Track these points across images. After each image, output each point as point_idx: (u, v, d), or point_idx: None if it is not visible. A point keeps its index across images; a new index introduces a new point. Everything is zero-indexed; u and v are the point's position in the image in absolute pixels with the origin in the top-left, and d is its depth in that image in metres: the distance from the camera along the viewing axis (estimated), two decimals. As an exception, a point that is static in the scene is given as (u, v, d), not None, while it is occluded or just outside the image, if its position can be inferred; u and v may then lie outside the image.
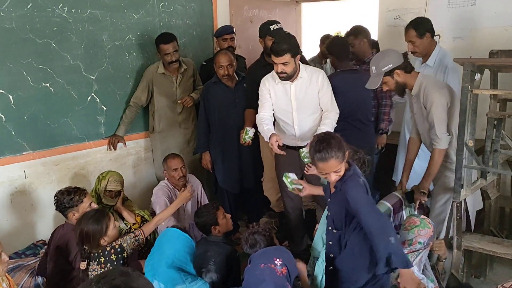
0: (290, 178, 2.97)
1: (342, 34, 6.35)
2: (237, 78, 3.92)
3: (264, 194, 4.12)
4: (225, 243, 3.03)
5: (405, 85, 3.00)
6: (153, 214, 3.65)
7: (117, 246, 2.67)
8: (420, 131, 3.14)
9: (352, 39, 4.09)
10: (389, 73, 2.94)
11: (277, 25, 3.73)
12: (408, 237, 2.62)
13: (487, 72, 3.01)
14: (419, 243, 2.57)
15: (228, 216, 3.13)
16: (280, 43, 3.09)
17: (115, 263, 2.63)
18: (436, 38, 4.35)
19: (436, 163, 2.93)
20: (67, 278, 2.90)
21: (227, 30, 4.34)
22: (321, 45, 5.51)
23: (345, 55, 3.69)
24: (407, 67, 2.96)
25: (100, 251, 2.65)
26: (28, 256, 3.32)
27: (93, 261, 2.65)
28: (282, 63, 3.08)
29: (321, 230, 2.86)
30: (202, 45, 4.58)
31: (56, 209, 3.01)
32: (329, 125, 3.22)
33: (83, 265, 2.63)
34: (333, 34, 5.70)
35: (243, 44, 4.93)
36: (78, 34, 3.55)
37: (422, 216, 2.70)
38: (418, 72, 3.02)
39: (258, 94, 3.40)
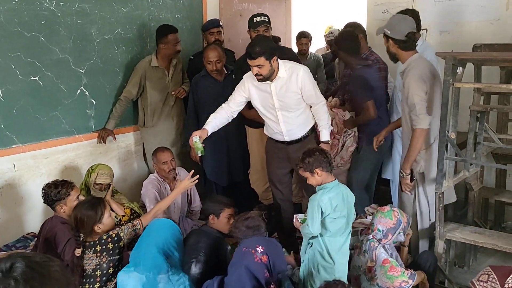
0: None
1: (334, 27, 6.39)
2: (225, 72, 3.96)
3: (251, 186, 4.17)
4: (217, 235, 3.07)
5: (393, 56, 3.08)
6: (142, 206, 3.69)
7: (114, 235, 2.70)
8: (402, 112, 3.19)
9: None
10: (386, 36, 3.03)
11: (261, 18, 3.75)
12: (372, 221, 2.80)
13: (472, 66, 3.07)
14: (378, 230, 2.70)
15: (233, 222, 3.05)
16: (253, 46, 3.05)
17: (111, 251, 2.66)
18: (423, 32, 4.42)
19: (416, 143, 2.92)
20: (57, 270, 2.92)
21: (214, 24, 4.35)
22: (297, 43, 5.56)
23: (357, 49, 3.65)
24: (402, 45, 2.99)
25: (96, 239, 2.68)
26: (18, 249, 3.34)
27: (89, 249, 2.67)
28: (257, 66, 3.06)
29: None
30: (191, 39, 4.60)
31: (44, 202, 3.04)
32: (325, 120, 3.30)
33: (78, 252, 2.65)
34: (308, 30, 5.71)
35: (233, 38, 4.95)
36: (66, 28, 3.56)
37: (394, 208, 2.77)
38: (416, 53, 3.04)
39: None
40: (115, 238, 2.70)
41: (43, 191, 3.02)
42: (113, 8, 3.86)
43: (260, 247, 2.31)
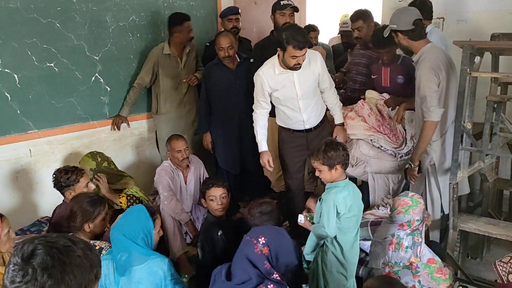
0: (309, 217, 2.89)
1: (349, 16, 6.31)
2: (238, 60, 3.95)
3: (264, 174, 4.17)
4: (209, 221, 3.11)
5: (409, 48, 3.03)
6: (156, 193, 3.72)
7: (97, 247, 2.59)
8: (415, 102, 3.15)
9: (361, 23, 4.04)
10: (394, 32, 2.99)
11: (287, 1, 3.78)
12: (405, 219, 2.62)
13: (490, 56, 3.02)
14: (417, 220, 2.61)
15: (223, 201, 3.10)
16: (302, 35, 3.03)
17: None
18: (440, 20, 4.37)
19: (426, 136, 2.91)
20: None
21: (233, 11, 4.36)
22: None
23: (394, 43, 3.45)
24: (412, 34, 2.95)
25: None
26: (33, 233, 3.38)
27: None
28: (303, 54, 3.06)
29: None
30: (206, 26, 4.59)
31: (53, 187, 3.07)
32: (337, 104, 3.47)
33: None
34: (321, 19, 5.63)
35: (247, 26, 4.93)
36: (82, 14, 3.57)
37: (410, 194, 2.68)
38: (429, 42, 3.01)
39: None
40: (97, 250, 2.57)
41: (54, 176, 3.05)
42: (128, -5, 3.87)
43: (262, 238, 2.27)
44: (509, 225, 2.98)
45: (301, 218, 2.84)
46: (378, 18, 4.84)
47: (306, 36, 3.10)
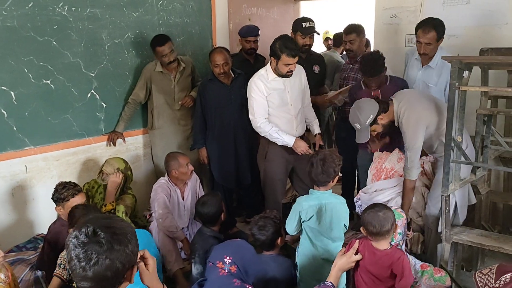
0: None
1: (331, 33, 6.42)
2: (233, 75, 3.99)
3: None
4: (209, 235, 3.16)
5: (391, 122, 3.14)
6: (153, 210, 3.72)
7: None
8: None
9: (355, 36, 4.14)
10: (373, 122, 3.08)
11: (309, 23, 4.03)
12: None
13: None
14: (399, 233, 2.63)
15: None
16: (294, 44, 3.38)
17: None
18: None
19: (408, 193, 3.11)
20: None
21: (252, 32, 4.41)
22: None
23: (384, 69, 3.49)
24: (384, 108, 3.08)
25: None
26: (28, 250, 3.39)
27: None
28: (295, 62, 3.39)
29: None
30: (200, 43, 4.64)
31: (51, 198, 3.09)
32: (314, 115, 3.84)
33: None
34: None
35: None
36: (78, 32, 3.62)
37: (394, 207, 2.71)
38: (391, 100, 3.12)
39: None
40: None
41: (55, 188, 3.08)
42: (124, 13, 3.92)
43: (227, 257, 2.27)
44: (501, 237, 3.00)
45: None
46: (370, 33, 4.92)
47: (297, 45, 3.46)
